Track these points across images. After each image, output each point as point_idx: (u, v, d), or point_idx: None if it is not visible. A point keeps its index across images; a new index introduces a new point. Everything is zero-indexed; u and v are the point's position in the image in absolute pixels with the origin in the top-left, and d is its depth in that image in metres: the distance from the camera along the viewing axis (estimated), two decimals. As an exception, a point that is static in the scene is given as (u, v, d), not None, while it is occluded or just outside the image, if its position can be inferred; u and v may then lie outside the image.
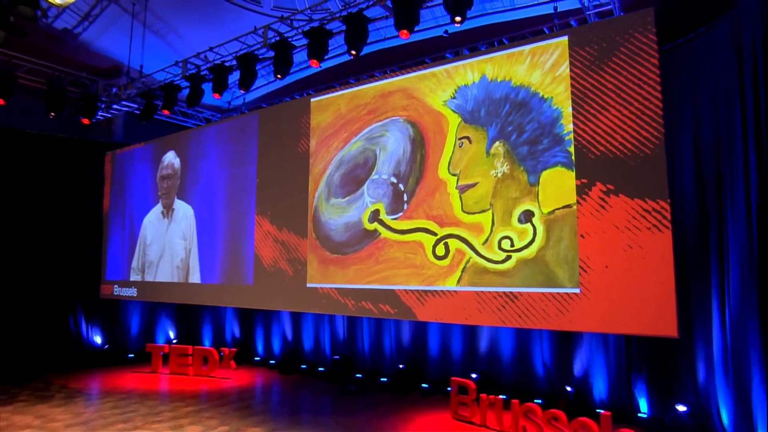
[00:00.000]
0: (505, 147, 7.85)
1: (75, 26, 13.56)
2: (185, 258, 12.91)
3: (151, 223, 13.87)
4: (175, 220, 13.29)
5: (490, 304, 7.79)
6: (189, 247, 12.87)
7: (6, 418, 9.18)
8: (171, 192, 13.44)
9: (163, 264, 13.37)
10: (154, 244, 13.74)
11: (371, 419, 8.99)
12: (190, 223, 12.85)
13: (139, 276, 13.96)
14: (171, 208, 13.44)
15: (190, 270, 12.72)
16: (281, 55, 9.69)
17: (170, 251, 13.30)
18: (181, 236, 13.08)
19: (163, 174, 13.81)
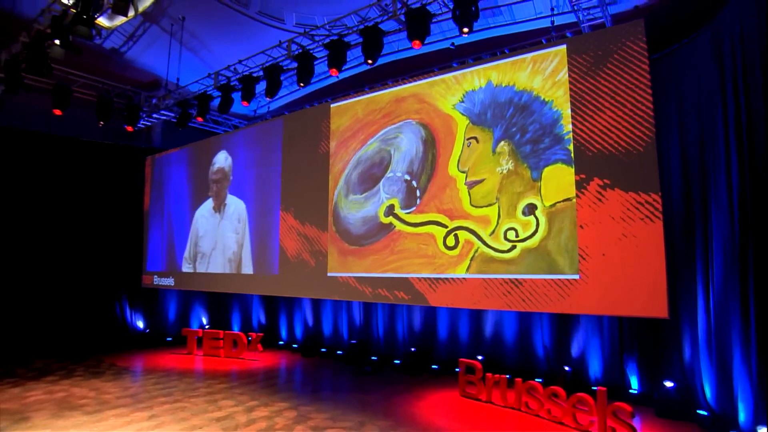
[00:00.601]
0: (509, 146, 7.83)
1: (121, 46, 13.74)
2: (237, 251, 12.67)
3: (204, 217, 13.69)
4: (226, 215, 13.06)
5: (496, 290, 7.77)
6: (241, 241, 12.59)
7: (67, 389, 9.55)
8: (222, 189, 13.27)
9: (216, 256, 13.17)
10: (206, 237, 13.54)
11: (386, 397, 9.00)
12: (242, 218, 12.62)
13: (191, 266, 13.75)
14: (223, 204, 13.21)
15: (243, 262, 12.45)
16: (303, 66, 9.73)
17: (222, 244, 13.07)
18: (233, 230, 12.84)
19: (213, 178, 13.64)
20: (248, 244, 12.36)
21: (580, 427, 7.10)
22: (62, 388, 9.57)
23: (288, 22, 13.24)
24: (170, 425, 7.39)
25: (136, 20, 13.03)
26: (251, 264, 12.07)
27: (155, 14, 12.93)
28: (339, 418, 7.75)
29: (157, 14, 12.91)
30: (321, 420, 7.67)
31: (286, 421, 7.57)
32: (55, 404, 8.56)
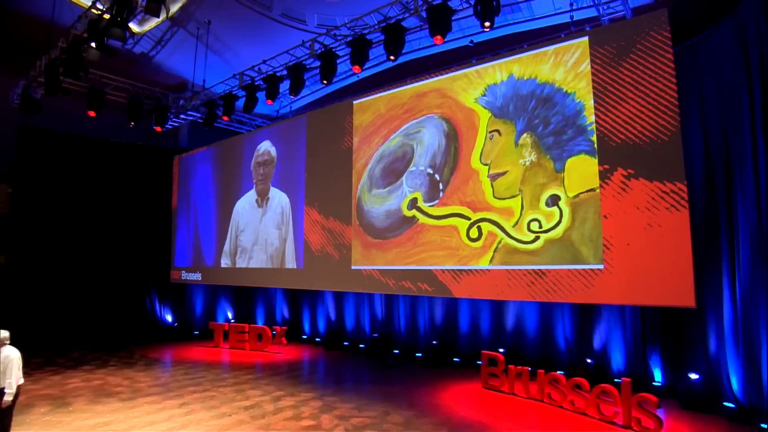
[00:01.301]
0: (532, 138, 7.81)
1: (150, 50, 14.09)
2: (279, 246, 12.35)
3: (245, 210, 13.45)
4: (269, 209, 12.74)
5: (520, 281, 7.75)
6: (284, 236, 12.25)
7: (102, 377, 9.88)
8: (267, 178, 12.95)
9: (257, 251, 12.92)
10: (247, 231, 13.29)
11: (408, 388, 9.02)
12: (285, 212, 12.31)
13: (230, 261, 13.60)
14: (266, 197, 12.91)
15: (286, 257, 12.10)
16: (326, 64, 9.83)
17: (264, 239, 12.76)
18: (276, 225, 12.56)
19: (259, 161, 13.25)
20: (291, 239, 12.03)
21: (604, 417, 7.03)
22: (98, 377, 9.88)
23: (310, 23, 13.40)
24: (201, 413, 7.54)
25: (164, 25, 13.35)
26: (294, 259, 11.75)
27: (182, 18, 13.22)
28: (363, 408, 7.81)
29: (184, 18, 13.18)
30: (346, 409, 7.74)
31: (312, 411, 7.66)
32: (92, 391, 8.83)
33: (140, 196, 15.34)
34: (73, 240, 14.17)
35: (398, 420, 7.24)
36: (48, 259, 13.71)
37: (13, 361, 5.79)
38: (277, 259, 12.33)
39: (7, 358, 5.79)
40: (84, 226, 14.37)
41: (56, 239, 13.92)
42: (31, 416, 7.35)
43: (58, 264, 13.82)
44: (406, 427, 6.96)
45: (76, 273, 14.03)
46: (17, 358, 5.88)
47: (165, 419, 7.22)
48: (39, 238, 13.67)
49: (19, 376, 5.85)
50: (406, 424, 7.08)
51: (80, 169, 14.55)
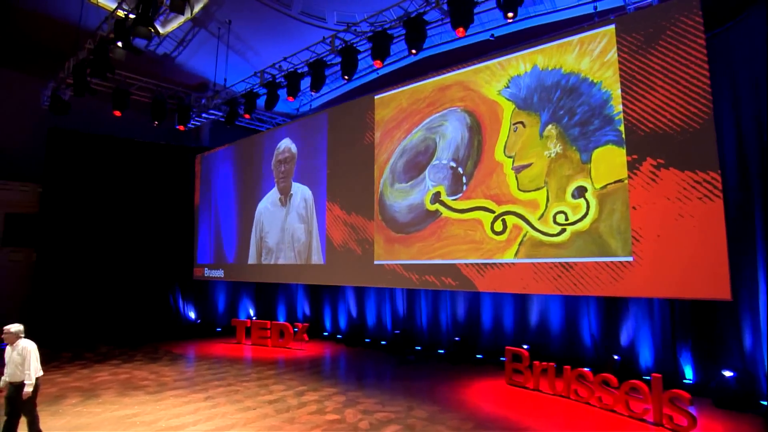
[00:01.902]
0: (557, 129, 7.68)
1: (172, 51, 14.33)
2: (306, 240, 12.26)
3: (268, 210, 13.46)
4: (293, 206, 12.75)
5: (546, 274, 7.63)
6: (310, 229, 12.17)
7: (129, 371, 10.07)
8: (288, 175, 13.00)
9: (284, 249, 12.88)
10: (272, 232, 13.25)
11: (431, 384, 8.96)
12: (308, 205, 12.29)
13: (256, 261, 13.57)
14: (289, 193, 12.93)
15: (312, 252, 12.03)
16: (347, 59, 9.86)
17: (290, 236, 12.74)
18: (300, 220, 12.50)
19: (280, 158, 13.29)
20: (317, 232, 11.88)
21: (633, 415, 6.86)
22: (125, 371, 10.07)
23: (329, 21, 13.45)
24: (225, 406, 7.61)
25: (186, 26, 13.56)
26: (322, 253, 11.63)
27: (203, 19, 13.40)
28: (387, 403, 7.78)
29: (206, 19, 13.36)
30: (370, 404, 7.72)
31: (336, 405, 7.66)
32: (120, 384, 9.00)
33: (164, 195, 15.59)
34: (101, 238, 14.47)
35: (422, 415, 7.19)
36: (76, 256, 14.02)
37: (30, 353, 5.84)
38: (305, 254, 12.27)
39: (25, 349, 5.85)
40: (110, 224, 14.67)
41: (84, 237, 14.23)
42: (63, 407, 7.50)
43: (85, 261, 14.12)
44: (430, 421, 6.91)
45: (102, 270, 14.32)
46: (34, 350, 5.92)
47: (191, 412, 7.30)
48: (68, 235, 13.99)
49: (37, 367, 5.89)
50: (430, 419, 7.03)
51: (107, 168, 14.85)
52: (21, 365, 5.76)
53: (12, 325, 6.04)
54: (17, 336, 5.97)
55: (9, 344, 5.93)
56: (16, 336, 5.95)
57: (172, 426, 6.65)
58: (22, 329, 6.07)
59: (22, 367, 5.76)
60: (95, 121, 14.95)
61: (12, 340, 5.94)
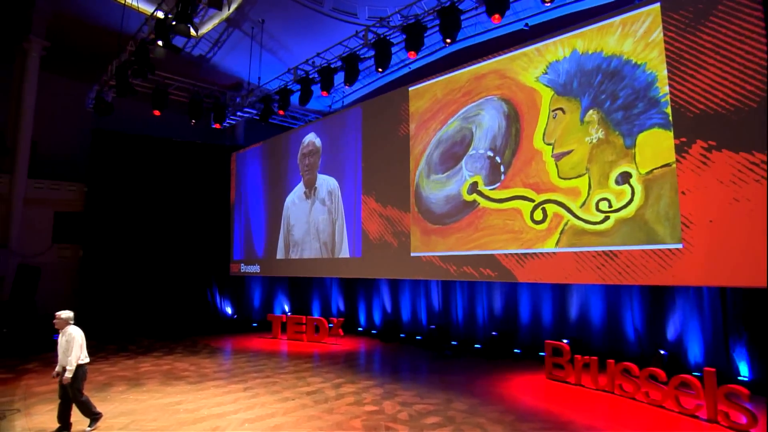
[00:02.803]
0: (599, 114, 7.45)
1: (207, 52, 14.69)
2: (332, 233, 12.45)
3: (294, 204, 13.74)
4: (318, 198, 12.95)
5: (589, 263, 7.40)
6: (334, 218, 12.34)
7: (170, 363, 10.36)
8: (313, 168, 13.19)
9: (310, 242, 13.11)
10: (297, 225, 13.53)
11: (468, 378, 8.82)
12: (335, 196, 12.41)
13: (284, 255, 13.84)
14: (314, 186, 13.13)
15: (336, 244, 12.22)
16: (381, 52, 9.85)
17: (315, 229, 12.95)
18: (326, 212, 12.66)
19: (304, 152, 13.52)
20: (343, 223, 12.00)
21: (684, 411, 6.53)
22: (167, 362, 10.35)
23: (361, 16, 13.52)
24: (264, 396, 7.69)
25: (220, 26, 13.87)
26: (348, 245, 11.77)
27: (237, 19, 13.68)
28: (425, 396, 7.70)
29: (240, 19, 13.64)
30: (408, 396, 7.66)
31: (374, 397, 7.63)
32: (162, 374, 9.24)
33: (200, 192, 15.98)
34: (142, 235, 14.93)
35: (462, 407, 7.09)
36: (120, 252, 14.51)
37: (74, 340, 5.99)
38: (330, 245, 12.34)
39: (70, 336, 6.02)
40: (151, 221, 15.12)
41: (127, 234, 14.72)
42: (111, 394, 7.76)
43: (128, 258, 14.60)
44: (470, 413, 6.80)
45: (144, 266, 14.77)
46: (78, 337, 6.07)
47: (231, 401, 7.42)
48: (111, 233, 14.51)
49: (80, 355, 6.01)
50: (470, 411, 6.92)
51: (147, 167, 15.33)
52: (66, 351, 5.96)
53: (63, 311, 6.28)
54: (66, 322, 6.18)
55: (59, 329, 6.16)
56: (65, 322, 6.17)
57: (213, 414, 6.76)
58: (71, 316, 6.28)
59: (66, 354, 5.95)
60: (135, 123, 15.48)
61: (62, 325, 6.17)
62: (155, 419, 6.53)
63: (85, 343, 6.18)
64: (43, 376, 9.22)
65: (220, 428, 6.16)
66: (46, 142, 14.48)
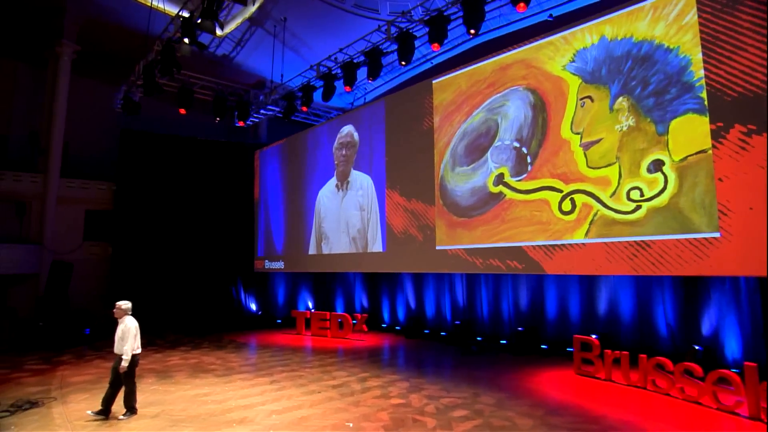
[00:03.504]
0: (629, 101, 7.25)
1: (230, 51, 14.88)
2: (363, 228, 12.37)
3: (326, 197, 13.68)
4: (351, 192, 12.82)
5: (620, 254, 7.20)
6: (368, 216, 12.25)
7: (198, 357, 10.53)
8: (349, 161, 13.03)
9: (339, 235, 13.05)
10: (328, 218, 13.50)
11: (495, 374, 8.70)
12: (368, 193, 12.27)
13: (315, 249, 13.84)
14: (346, 180, 13.03)
15: (369, 239, 12.06)
16: (404, 45, 9.80)
17: (345, 223, 12.87)
18: (358, 207, 12.57)
19: (342, 142, 13.26)
20: (376, 219, 11.82)
21: (723, 407, 6.28)
22: (194, 356, 10.51)
23: (382, 12, 13.49)
24: (291, 389, 7.73)
25: (243, 26, 14.03)
26: (381, 240, 11.64)
27: (260, 18, 13.81)
28: (452, 389, 7.63)
29: (262, 18, 13.77)
30: (434, 390, 7.59)
31: (400, 390, 7.59)
32: (190, 367, 9.38)
33: (225, 190, 16.18)
34: (168, 232, 15.19)
35: (489, 401, 6.99)
36: (147, 250, 14.78)
37: (129, 330, 6.29)
38: (361, 241, 12.26)
39: (126, 326, 6.32)
40: (177, 219, 15.37)
41: (154, 232, 14.98)
42: (141, 385, 7.84)
43: (155, 255, 14.86)
44: (499, 407, 6.70)
45: (170, 263, 15.01)
46: (133, 327, 6.37)
47: (258, 393, 7.47)
48: (139, 230, 14.80)
49: (134, 345, 6.31)
50: (498, 405, 6.82)
51: (173, 166, 15.59)
52: (122, 340, 6.25)
53: (122, 301, 6.61)
54: (125, 312, 6.50)
55: (117, 319, 6.46)
56: (124, 312, 6.50)
57: (241, 405, 6.82)
58: (130, 306, 6.60)
59: (122, 342, 6.23)
60: (161, 123, 15.79)
61: (120, 315, 6.49)
62: (184, 409, 6.63)
63: (139, 334, 6.49)
64: (76, 367, 9.56)
65: (248, 419, 6.21)
66: (77, 142, 14.87)
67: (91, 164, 15.13)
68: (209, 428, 5.83)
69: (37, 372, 9.16)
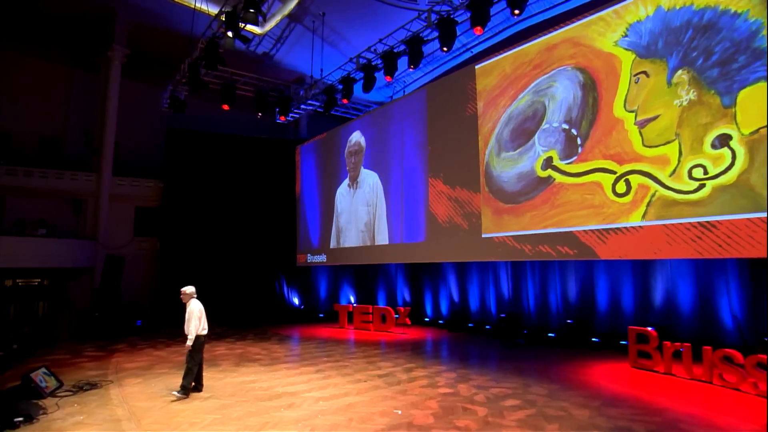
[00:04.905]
0: (690, 74, 6.79)
1: (270, 49, 15.10)
2: (369, 222, 13.05)
3: (342, 195, 14.30)
4: (360, 189, 13.54)
5: (682, 236, 6.75)
6: (374, 212, 12.95)
7: (243, 347, 10.70)
8: (357, 165, 13.77)
9: (350, 230, 13.70)
10: (343, 213, 14.13)
11: (543, 366, 8.37)
12: (375, 190, 12.96)
13: (335, 242, 14.39)
14: (356, 180, 13.74)
15: (376, 232, 12.79)
16: (446, 30, 9.59)
17: (355, 217, 13.60)
18: (365, 203, 13.26)
19: (350, 150, 14.13)
20: (383, 214, 12.53)
21: (803, 403, 5.79)
22: (240, 347, 10.66)
23: (421, 2, 13.32)
24: (336, 378, 7.68)
25: (282, 23, 14.18)
26: (386, 234, 12.23)
27: (299, 14, 13.91)
28: (501, 380, 7.38)
29: (301, 14, 13.87)
30: (482, 381, 7.37)
31: (447, 381, 7.41)
32: (236, 357, 9.52)
33: (267, 185, 16.42)
34: (213, 227, 15.55)
35: (541, 392, 6.71)
36: (193, 245, 15.17)
37: (193, 313, 6.71)
38: (368, 234, 12.98)
39: (190, 309, 6.74)
40: (222, 214, 15.72)
41: (199, 227, 15.37)
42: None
43: (201, 250, 15.23)
44: (551, 398, 6.41)
45: (215, 258, 15.34)
46: (197, 310, 6.81)
47: (304, 381, 7.46)
48: (185, 226, 15.21)
49: (198, 326, 6.71)
50: (550, 395, 6.53)
51: (216, 162, 15.96)
52: (188, 322, 6.66)
53: (187, 287, 7.09)
54: (190, 296, 6.98)
55: (184, 302, 6.93)
56: (189, 296, 6.98)
57: (287, 392, 6.83)
58: (194, 291, 7.09)
59: (188, 324, 6.64)
60: (205, 121, 16.21)
61: (186, 299, 6.96)
62: (233, 394, 6.71)
63: (204, 316, 6.93)
64: (130, 354, 9.94)
65: (295, 404, 6.19)
66: (127, 142, 15.46)
67: (140, 163, 15.68)
68: (258, 412, 5.84)
69: (94, 358, 9.64)
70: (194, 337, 6.59)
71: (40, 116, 14.77)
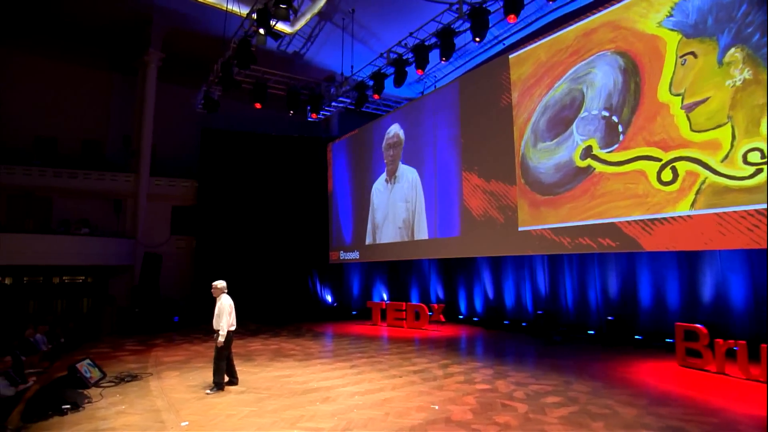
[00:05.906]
0: (744, 51, 6.36)
1: (301, 48, 15.19)
2: (408, 218, 12.85)
3: (378, 190, 14.21)
4: (398, 184, 13.37)
5: (736, 226, 6.33)
6: (412, 208, 12.75)
7: (278, 343, 10.77)
8: (396, 158, 13.56)
9: (387, 225, 13.55)
10: (380, 209, 14.03)
11: (583, 363, 8.03)
12: (414, 185, 12.77)
13: (371, 238, 14.30)
14: (394, 175, 13.56)
15: (415, 229, 12.59)
16: (478, 20, 9.37)
17: (393, 213, 13.42)
18: (404, 199, 13.05)
19: (389, 143, 13.94)
20: (423, 210, 12.34)
21: None
22: (274, 343, 10.75)
23: (451, -5, 13.12)
24: (371, 373, 7.58)
25: (312, 21, 14.23)
26: (426, 230, 12.02)
27: (329, 11, 13.92)
28: (540, 377, 7.12)
29: (331, 11, 13.88)
30: (521, 377, 7.13)
31: (485, 377, 7.20)
32: (271, 352, 9.57)
33: (299, 183, 16.57)
34: (247, 225, 15.79)
35: (584, 389, 6.42)
36: (228, 243, 15.45)
37: (224, 308, 6.64)
38: (407, 231, 12.75)
39: (221, 304, 6.67)
40: (255, 212, 15.96)
41: (234, 226, 15.64)
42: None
43: (235, 248, 15.48)
44: (595, 395, 6.13)
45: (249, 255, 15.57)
46: (228, 305, 6.73)
47: (339, 377, 7.40)
48: (220, 225, 15.52)
49: (229, 321, 6.65)
50: (594, 393, 6.24)
51: (249, 161, 16.23)
52: (218, 317, 6.61)
53: (218, 281, 7.00)
54: (222, 291, 6.88)
55: (215, 297, 6.84)
56: (220, 291, 6.88)
57: (323, 386, 6.77)
58: (225, 285, 6.99)
59: (218, 319, 6.60)
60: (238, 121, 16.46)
61: (217, 293, 6.88)
62: (268, 388, 6.70)
63: (234, 311, 6.86)
64: (168, 349, 10.16)
65: (330, 398, 6.13)
66: (163, 144, 15.86)
67: (176, 163, 16.07)
68: (293, 406, 5.80)
69: (134, 352, 9.92)
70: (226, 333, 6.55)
71: (82, 121, 15.38)
